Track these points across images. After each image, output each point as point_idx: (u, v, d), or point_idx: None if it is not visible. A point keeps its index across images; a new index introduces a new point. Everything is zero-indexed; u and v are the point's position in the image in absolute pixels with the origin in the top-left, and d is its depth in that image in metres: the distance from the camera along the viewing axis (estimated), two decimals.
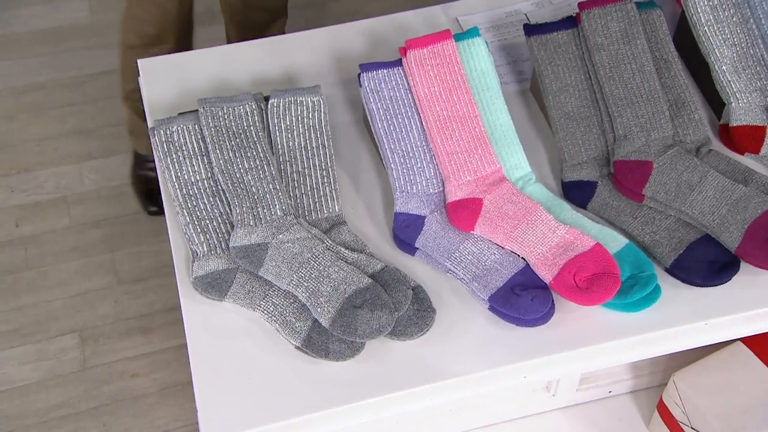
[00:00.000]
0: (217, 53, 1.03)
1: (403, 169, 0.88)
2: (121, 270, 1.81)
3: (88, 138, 2.03)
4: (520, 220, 0.84)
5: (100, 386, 1.64)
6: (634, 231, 0.85)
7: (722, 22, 0.90)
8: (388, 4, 2.30)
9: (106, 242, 1.85)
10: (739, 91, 0.89)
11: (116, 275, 1.80)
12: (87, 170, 1.98)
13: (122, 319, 1.74)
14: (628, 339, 0.79)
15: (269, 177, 0.84)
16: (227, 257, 0.83)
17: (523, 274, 0.82)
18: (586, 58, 0.90)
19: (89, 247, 1.84)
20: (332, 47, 1.04)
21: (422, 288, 0.82)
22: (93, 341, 1.71)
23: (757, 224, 0.80)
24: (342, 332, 0.77)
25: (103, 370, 1.66)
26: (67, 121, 2.06)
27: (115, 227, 1.87)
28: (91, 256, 1.84)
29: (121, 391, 1.63)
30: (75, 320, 1.72)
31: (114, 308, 1.76)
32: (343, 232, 0.86)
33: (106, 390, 1.64)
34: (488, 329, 0.81)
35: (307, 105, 0.88)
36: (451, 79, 0.88)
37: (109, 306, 1.76)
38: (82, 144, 2.03)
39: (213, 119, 0.85)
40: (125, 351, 1.69)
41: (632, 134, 0.87)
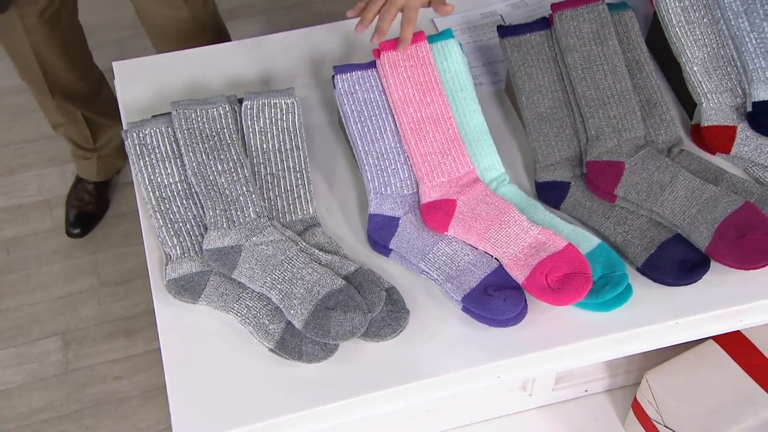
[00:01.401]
0: (192, 55, 1.03)
1: (377, 170, 0.88)
2: (104, 272, 1.80)
3: None
4: (493, 220, 0.84)
5: (83, 389, 1.63)
6: (607, 231, 0.85)
7: (693, 23, 0.91)
8: None
9: (89, 244, 1.84)
10: (709, 91, 0.90)
11: (99, 277, 1.80)
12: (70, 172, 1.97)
13: (105, 322, 1.74)
14: (600, 338, 0.80)
15: (242, 179, 0.84)
16: (201, 260, 0.83)
17: (496, 274, 0.82)
18: (559, 60, 0.91)
19: (72, 249, 1.84)
20: (308, 48, 1.04)
21: (396, 289, 0.82)
22: (76, 344, 1.70)
23: (727, 224, 0.81)
24: (315, 334, 0.77)
25: (86, 373, 1.66)
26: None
27: (97, 229, 1.87)
28: (73, 258, 1.83)
29: (103, 394, 1.63)
30: (57, 323, 1.72)
31: (97, 310, 1.75)
32: (318, 233, 0.86)
33: (89, 393, 1.63)
34: (462, 329, 0.81)
35: (281, 107, 0.88)
36: (425, 80, 0.89)
37: (92, 308, 1.75)
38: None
39: (186, 122, 0.85)
40: (108, 353, 1.68)
41: (604, 135, 0.87)
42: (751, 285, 0.81)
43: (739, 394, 0.88)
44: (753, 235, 0.79)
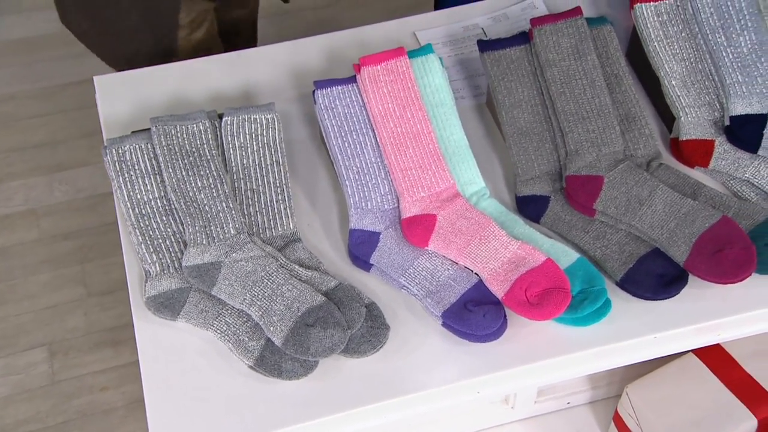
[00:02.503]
0: (174, 69, 1.03)
1: (357, 185, 0.88)
2: (91, 282, 1.80)
3: (58, 149, 2.02)
4: (473, 235, 0.84)
5: (69, 400, 1.63)
6: (586, 245, 0.86)
7: (671, 38, 0.91)
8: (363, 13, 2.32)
9: (76, 254, 1.84)
10: (688, 105, 0.90)
11: (86, 287, 1.79)
12: (57, 182, 1.97)
13: (92, 332, 1.73)
14: (579, 353, 0.80)
15: (222, 195, 0.84)
16: (180, 277, 0.83)
17: (476, 289, 0.82)
18: (539, 74, 0.91)
19: (59, 259, 1.83)
20: (290, 62, 1.04)
21: (376, 305, 0.82)
22: (62, 354, 1.69)
23: (705, 238, 0.81)
24: (295, 351, 0.77)
25: (72, 384, 1.65)
26: (36, 132, 2.04)
27: (85, 239, 1.86)
28: (60, 268, 1.83)
29: (90, 405, 1.62)
30: (44, 333, 1.71)
31: (84, 321, 1.75)
32: (298, 249, 0.86)
33: (75, 404, 1.62)
34: (442, 345, 0.81)
35: (262, 123, 0.88)
36: (405, 95, 0.89)
37: (79, 319, 1.75)
38: (52, 155, 2.01)
39: (165, 138, 0.85)
40: (94, 364, 1.68)
41: (583, 149, 0.88)
42: (729, 299, 0.82)
43: (719, 408, 0.88)
44: (730, 250, 0.80)
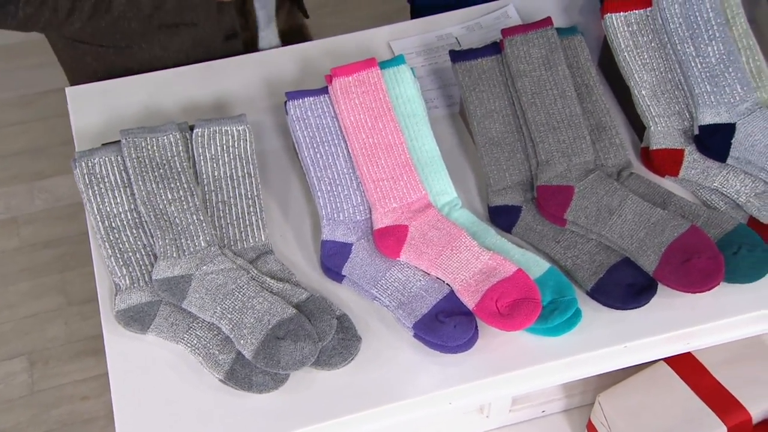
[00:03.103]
0: (147, 80, 1.02)
1: (329, 196, 0.88)
2: (72, 291, 1.79)
3: (38, 157, 2.01)
4: (444, 246, 0.84)
5: (49, 410, 1.62)
6: (557, 255, 0.86)
7: (641, 47, 0.92)
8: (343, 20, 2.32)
9: (56, 263, 1.83)
10: (658, 115, 0.91)
11: (67, 296, 1.78)
12: (37, 190, 1.95)
13: (72, 341, 1.72)
14: (551, 363, 0.81)
15: (193, 208, 0.83)
16: (150, 290, 0.82)
17: (447, 300, 0.82)
18: (510, 84, 0.92)
19: (39, 268, 1.82)
20: (263, 72, 1.04)
21: (347, 317, 0.82)
22: (42, 364, 1.68)
23: (673, 247, 0.81)
24: (265, 364, 0.77)
25: (52, 394, 1.64)
26: (17, 140, 2.03)
27: (65, 248, 1.85)
28: (41, 277, 1.81)
29: (70, 415, 1.61)
30: (23, 343, 1.70)
31: (64, 330, 1.73)
32: (270, 261, 0.86)
33: (55, 414, 1.61)
34: (414, 356, 0.81)
35: (233, 134, 0.88)
36: (377, 106, 0.89)
37: (59, 328, 1.73)
38: (33, 163, 2.00)
39: (136, 150, 0.84)
40: (75, 373, 1.67)
41: (554, 159, 0.88)
42: (698, 308, 0.82)
43: (689, 416, 0.89)
44: (698, 259, 0.80)
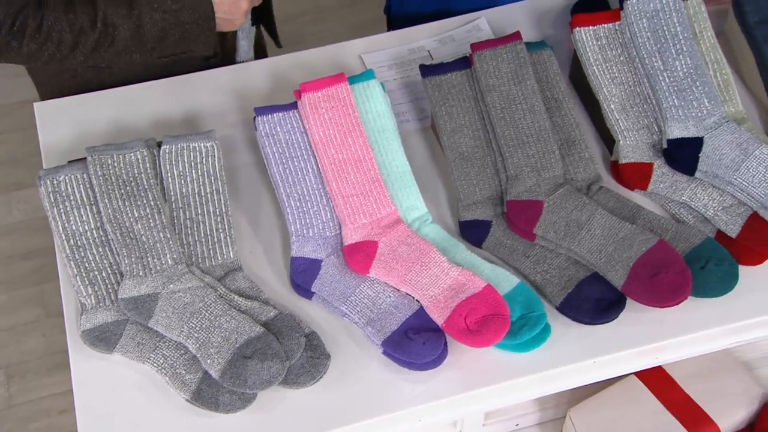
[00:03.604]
0: (116, 95, 1.01)
1: (299, 212, 0.88)
2: (51, 303, 1.77)
3: (16, 167, 1.99)
4: (414, 262, 0.84)
5: (26, 424, 1.60)
6: (527, 270, 0.86)
7: (610, 61, 0.92)
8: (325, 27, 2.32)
9: (34, 274, 1.81)
10: (626, 129, 0.91)
11: (45, 308, 1.76)
12: (16, 200, 1.94)
13: (50, 354, 1.70)
14: (520, 379, 0.80)
15: (160, 225, 0.83)
16: (116, 309, 0.82)
17: (417, 316, 0.82)
18: (480, 99, 0.92)
19: (17, 279, 1.80)
20: (235, 86, 1.03)
21: (316, 334, 0.82)
22: (19, 377, 1.66)
23: (641, 262, 0.82)
24: (232, 384, 0.76)
25: (30, 408, 1.62)
26: None
27: (44, 259, 1.83)
28: (18, 289, 1.80)
29: (48, 429, 1.59)
30: (0, 356, 1.68)
31: (42, 342, 1.72)
32: (238, 278, 0.85)
33: (33, 428, 1.60)
34: (383, 374, 0.81)
35: (201, 150, 0.87)
36: (346, 122, 0.89)
37: (37, 340, 1.72)
38: (11, 173, 1.98)
39: (102, 167, 0.84)
40: (53, 386, 1.65)
41: (523, 174, 0.88)
42: (666, 322, 0.82)
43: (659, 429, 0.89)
44: (666, 274, 0.80)
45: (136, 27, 0.89)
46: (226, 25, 0.96)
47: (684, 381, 0.92)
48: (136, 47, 0.92)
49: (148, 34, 0.90)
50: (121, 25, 0.89)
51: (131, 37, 0.90)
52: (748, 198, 0.85)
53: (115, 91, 1.02)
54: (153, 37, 0.91)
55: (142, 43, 0.91)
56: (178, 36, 0.92)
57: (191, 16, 0.91)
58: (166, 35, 0.91)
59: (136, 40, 0.90)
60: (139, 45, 0.91)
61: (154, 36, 0.91)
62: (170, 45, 0.93)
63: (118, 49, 0.91)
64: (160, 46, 0.92)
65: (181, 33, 0.92)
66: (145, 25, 0.90)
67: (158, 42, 0.92)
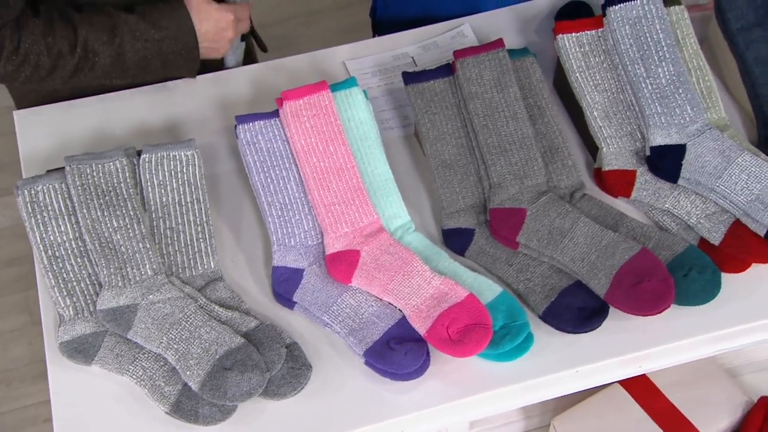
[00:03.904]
0: (97, 102, 1.01)
1: (280, 221, 0.87)
2: (37, 310, 1.75)
3: (1, 173, 1.97)
4: (396, 271, 0.84)
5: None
6: (510, 278, 0.85)
7: (593, 68, 0.92)
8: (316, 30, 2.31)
9: (21, 281, 1.79)
10: (609, 136, 0.91)
11: (31, 315, 1.75)
12: (2, 206, 1.92)
13: (36, 361, 1.69)
14: (503, 389, 0.80)
15: (139, 235, 0.82)
16: (95, 320, 0.81)
17: (399, 326, 0.82)
18: (462, 106, 0.91)
19: (3, 286, 1.78)
20: (217, 94, 1.03)
21: (298, 345, 0.81)
22: (5, 385, 1.65)
23: (624, 270, 0.81)
24: (212, 396, 0.75)
25: (15, 416, 1.61)
26: None
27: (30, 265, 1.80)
28: (4, 295, 1.78)
29: None
30: None
31: (28, 350, 1.70)
32: (219, 288, 0.84)
33: None
34: (365, 384, 0.80)
35: (181, 159, 0.87)
36: (328, 130, 0.88)
37: (23, 348, 1.70)
38: None
39: (81, 177, 0.83)
40: (39, 395, 1.64)
41: (506, 182, 0.88)
42: (649, 331, 0.82)
43: None
44: (648, 282, 0.80)
45: (117, 54, 0.89)
46: (210, 53, 0.96)
47: (668, 389, 0.92)
48: (116, 73, 0.91)
49: (130, 61, 0.90)
50: (102, 52, 0.88)
51: (112, 63, 0.89)
52: (730, 205, 0.84)
53: (96, 99, 1.01)
54: (134, 65, 0.91)
55: (123, 70, 0.91)
56: (160, 64, 0.92)
57: (174, 46, 0.91)
58: (148, 63, 0.91)
59: (116, 66, 0.90)
60: (120, 72, 0.91)
61: (135, 64, 0.90)
62: (152, 72, 0.93)
63: (98, 74, 0.90)
64: (141, 73, 0.92)
65: (163, 62, 0.92)
66: (126, 53, 0.89)
67: (140, 70, 0.91)
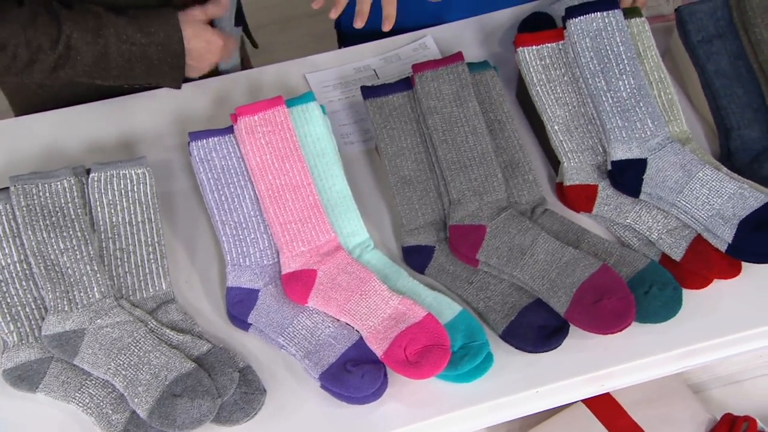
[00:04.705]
0: (50, 118, 0.98)
1: (235, 241, 0.85)
2: None
3: None
4: (353, 291, 0.82)
5: None
6: (470, 297, 0.84)
7: (554, 81, 0.90)
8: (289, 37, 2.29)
9: None
10: (571, 150, 0.90)
11: None
12: None
13: None
14: (462, 411, 0.78)
15: (87, 257, 0.79)
16: (40, 346, 0.78)
17: (356, 348, 0.80)
18: (422, 121, 0.89)
19: None
20: (175, 107, 1.00)
21: (251, 368, 0.79)
22: None
23: (584, 287, 0.80)
24: (160, 424, 0.73)
25: None
26: None
27: None
28: None
29: None
30: None
31: None
32: (171, 310, 0.82)
33: None
34: (321, 408, 0.78)
35: (131, 178, 0.84)
36: (284, 146, 0.86)
37: None
38: None
39: (26, 198, 0.80)
40: None
41: (465, 198, 0.86)
42: (611, 349, 0.81)
43: None
44: (609, 300, 0.79)
45: (100, 54, 0.87)
46: (189, 71, 0.93)
47: (631, 407, 0.90)
48: (98, 74, 0.89)
49: (113, 62, 0.88)
50: (85, 51, 0.86)
51: (94, 63, 0.87)
52: (691, 220, 0.83)
53: (49, 114, 0.99)
54: (117, 67, 0.88)
55: (106, 71, 0.88)
56: (144, 69, 0.90)
57: (160, 53, 0.89)
58: (132, 67, 0.89)
59: (99, 66, 0.88)
60: (103, 72, 0.89)
61: (119, 66, 0.88)
62: (136, 76, 0.90)
63: (79, 72, 0.88)
64: (124, 75, 0.90)
65: (147, 66, 0.89)
66: (110, 54, 0.87)
67: (123, 71, 0.89)
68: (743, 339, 0.82)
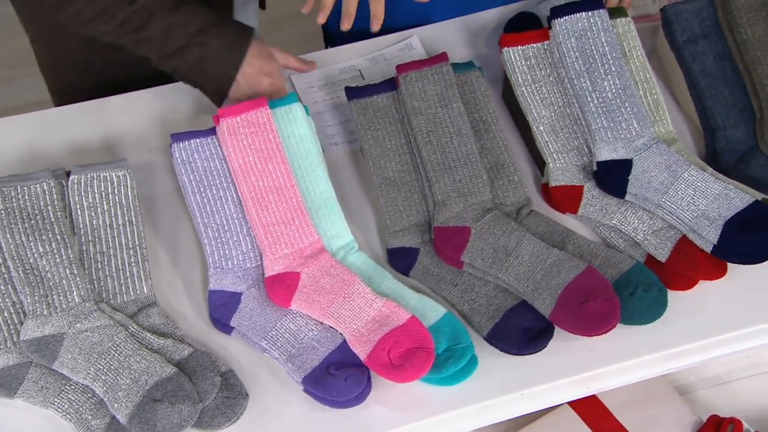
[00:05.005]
0: (32, 119, 0.97)
1: (217, 243, 0.84)
2: None
3: None
4: (337, 293, 0.81)
5: None
6: (454, 299, 0.83)
7: (539, 82, 0.90)
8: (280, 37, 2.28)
9: None
10: (556, 151, 0.89)
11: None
12: None
13: None
14: (446, 414, 0.77)
15: (66, 261, 0.78)
16: (19, 351, 0.77)
17: (340, 351, 0.79)
18: (406, 122, 0.89)
19: None
20: (158, 109, 0.99)
21: (234, 373, 0.78)
22: None
23: (569, 289, 0.79)
24: (140, 429, 0.72)
25: None
26: None
27: None
28: None
29: None
30: None
31: None
32: (152, 314, 0.81)
33: None
34: (304, 412, 0.77)
35: (112, 180, 0.83)
36: (267, 148, 0.85)
37: None
38: None
39: (4, 201, 0.79)
40: None
41: (450, 200, 0.85)
42: (596, 351, 0.80)
43: None
44: (594, 301, 0.78)
45: (168, 26, 0.87)
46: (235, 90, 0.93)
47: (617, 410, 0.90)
48: (156, 46, 0.89)
49: (174, 39, 0.88)
50: (158, 18, 0.86)
51: (160, 35, 0.87)
52: (677, 221, 0.83)
53: (31, 116, 0.97)
54: (175, 47, 0.88)
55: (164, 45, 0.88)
56: (196, 58, 0.89)
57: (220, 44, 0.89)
58: (187, 50, 0.89)
59: (161, 39, 0.88)
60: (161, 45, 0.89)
61: (176, 46, 0.88)
62: (186, 62, 0.90)
63: (140, 37, 0.88)
64: (174, 56, 0.89)
65: (201, 56, 0.89)
66: (175, 28, 0.87)
67: (177, 51, 0.89)
68: (729, 340, 0.82)
